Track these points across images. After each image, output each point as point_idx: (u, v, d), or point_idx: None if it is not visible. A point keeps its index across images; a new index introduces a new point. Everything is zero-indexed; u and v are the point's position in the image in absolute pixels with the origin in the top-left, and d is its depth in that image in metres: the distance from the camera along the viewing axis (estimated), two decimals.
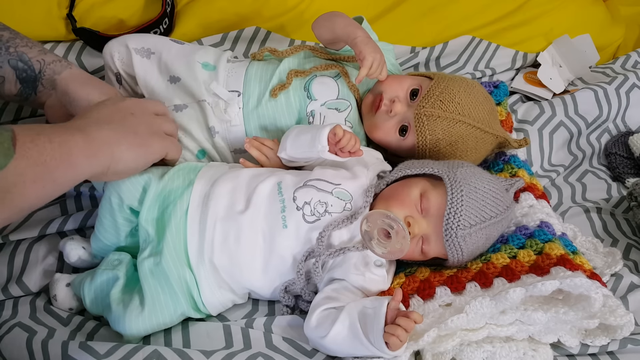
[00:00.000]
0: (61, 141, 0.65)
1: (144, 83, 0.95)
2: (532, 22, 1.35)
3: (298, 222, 0.80)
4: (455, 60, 1.30)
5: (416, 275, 0.84)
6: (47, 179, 0.64)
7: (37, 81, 0.85)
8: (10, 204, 0.61)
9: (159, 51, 0.96)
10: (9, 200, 0.61)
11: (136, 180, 0.82)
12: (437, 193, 0.81)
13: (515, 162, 1.00)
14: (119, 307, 0.78)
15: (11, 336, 0.77)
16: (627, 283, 0.90)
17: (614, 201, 1.11)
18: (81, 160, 0.67)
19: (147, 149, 0.77)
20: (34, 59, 0.84)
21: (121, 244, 0.85)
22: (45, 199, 0.66)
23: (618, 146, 1.21)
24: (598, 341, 0.80)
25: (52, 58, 0.86)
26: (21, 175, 0.61)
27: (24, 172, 0.61)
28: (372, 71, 0.91)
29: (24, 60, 0.83)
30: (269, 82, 0.95)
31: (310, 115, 0.95)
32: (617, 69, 1.37)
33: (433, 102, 0.91)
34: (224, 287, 0.81)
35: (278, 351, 0.76)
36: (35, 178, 0.62)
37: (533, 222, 0.89)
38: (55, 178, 0.64)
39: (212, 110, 0.93)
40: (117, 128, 0.73)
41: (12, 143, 0.61)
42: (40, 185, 0.63)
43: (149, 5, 1.18)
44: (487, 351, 0.76)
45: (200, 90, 0.93)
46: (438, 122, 0.91)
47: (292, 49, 1.00)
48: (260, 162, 0.91)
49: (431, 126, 0.91)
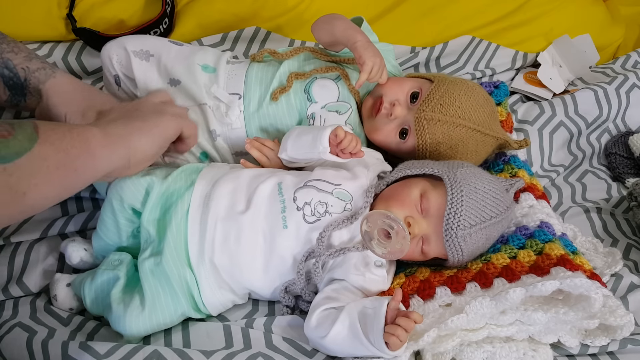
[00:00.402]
0: (80, 132, 0.66)
1: (144, 86, 0.94)
2: (532, 22, 1.35)
3: (298, 223, 0.80)
4: (455, 61, 1.30)
5: (416, 276, 0.84)
6: (69, 167, 0.63)
7: (25, 89, 0.83)
8: (35, 191, 0.60)
9: (158, 53, 0.95)
10: (34, 186, 0.60)
11: (139, 182, 0.82)
12: (437, 193, 0.81)
13: (515, 163, 1.00)
14: (120, 307, 0.78)
15: (11, 336, 0.77)
16: (627, 283, 0.90)
17: (614, 201, 1.11)
18: (100, 151, 0.67)
19: (159, 129, 0.76)
20: (19, 67, 0.82)
21: (122, 244, 0.85)
22: (66, 192, 0.65)
23: (618, 146, 1.21)
24: (598, 341, 0.80)
25: (36, 65, 0.83)
26: (45, 160, 0.61)
27: (48, 157, 0.61)
28: (372, 75, 0.91)
29: (10, 68, 0.81)
30: (270, 84, 0.95)
31: (311, 118, 0.95)
32: (617, 69, 1.37)
33: (433, 105, 0.91)
34: (224, 287, 0.81)
35: (278, 351, 0.76)
36: (58, 164, 0.62)
37: (533, 222, 0.89)
38: (77, 167, 0.64)
39: (213, 113, 0.93)
40: (126, 122, 0.73)
41: (34, 129, 0.61)
42: (63, 173, 0.63)
43: (149, 5, 1.17)
44: (487, 351, 0.77)
45: (200, 94, 0.93)
46: (438, 125, 0.91)
47: (292, 51, 1.00)
48: (261, 163, 0.91)
49: (431, 130, 0.91)
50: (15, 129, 0.60)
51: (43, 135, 0.61)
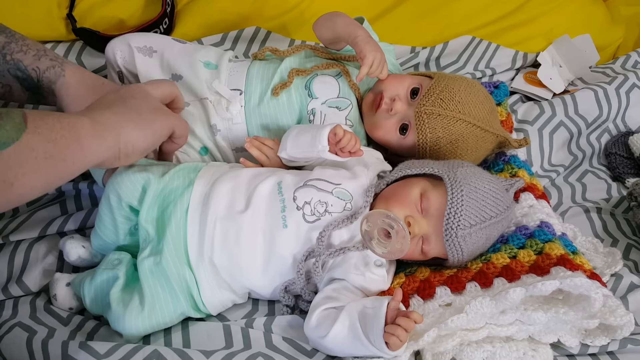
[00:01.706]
0: (69, 121, 0.65)
1: (146, 81, 0.95)
2: (532, 22, 1.35)
3: (298, 222, 0.80)
4: (456, 60, 1.31)
5: (416, 275, 0.84)
6: (57, 157, 0.63)
7: (40, 89, 0.84)
8: (23, 181, 0.60)
9: (161, 50, 0.96)
10: (22, 176, 0.60)
11: (135, 179, 0.81)
12: (437, 193, 0.81)
13: (515, 162, 1.01)
14: (119, 307, 0.78)
15: (11, 336, 0.77)
16: (627, 283, 0.90)
17: (614, 201, 1.11)
18: (90, 141, 0.67)
19: (152, 126, 0.75)
20: (29, 68, 0.82)
21: (120, 242, 0.85)
22: (54, 182, 0.65)
23: (618, 146, 1.21)
24: (598, 341, 0.80)
25: (46, 64, 0.83)
26: (33, 150, 0.61)
27: (36, 147, 0.61)
28: (373, 70, 0.91)
29: (22, 69, 0.81)
30: (271, 80, 0.95)
31: (311, 114, 0.95)
32: (617, 69, 1.37)
33: (433, 100, 0.91)
34: (224, 287, 0.81)
35: (278, 351, 0.76)
36: (46, 154, 0.62)
37: (533, 222, 0.89)
38: (65, 156, 0.64)
39: (214, 108, 0.94)
40: (119, 111, 0.72)
41: (23, 119, 0.61)
42: (52, 163, 0.63)
43: (149, 5, 1.18)
44: (487, 351, 0.76)
45: (202, 89, 0.94)
46: (438, 120, 0.91)
47: (293, 49, 1.00)
48: (261, 162, 0.91)
49: (431, 124, 0.91)
50: (3, 119, 0.60)
51: (31, 124, 0.61)
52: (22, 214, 0.95)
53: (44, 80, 0.82)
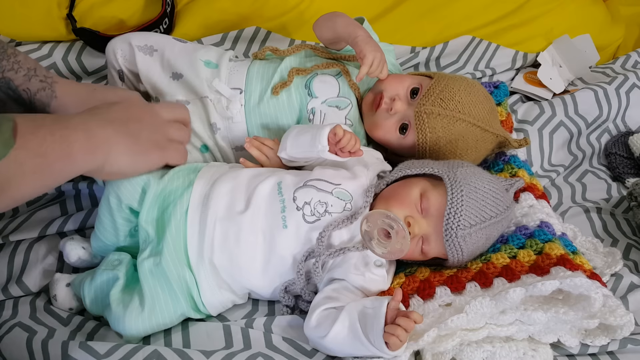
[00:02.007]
0: (62, 135, 0.65)
1: (146, 79, 0.96)
2: (532, 22, 1.35)
3: (298, 222, 0.80)
4: (456, 60, 1.31)
5: (416, 275, 0.84)
6: (45, 171, 0.64)
7: (34, 109, 0.81)
8: (7, 193, 0.61)
9: (162, 48, 0.96)
10: (7, 190, 0.61)
11: (135, 181, 0.81)
12: (437, 193, 0.81)
13: (515, 162, 1.00)
14: (119, 307, 0.78)
15: (11, 336, 0.77)
16: (627, 283, 0.90)
17: (614, 201, 1.11)
18: (80, 156, 0.67)
19: (144, 158, 0.77)
20: (20, 88, 0.78)
21: (120, 243, 0.85)
22: (41, 190, 0.66)
23: (618, 146, 1.21)
24: (598, 341, 0.80)
25: (36, 86, 0.79)
26: (21, 166, 0.61)
27: (24, 163, 0.61)
28: (373, 69, 0.92)
29: (12, 89, 0.78)
30: (271, 79, 0.96)
31: (311, 113, 0.95)
32: (617, 69, 1.37)
33: (433, 100, 0.91)
34: (224, 287, 0.81)
35: (278, 351, 0.76)
36: (34, 169, 0.62)
37: (533, 222, 0.89)
38: (53, 171, 0.65)
39: (214, 106, 0.94)
40: (120, 129, 0.73)
41: (12, 133, 0.61)
42: (39, 177, 0.63)
43: (149, 5, 1.18)
44: (487, 351, 0.76)
45: (202, 87, 0.94)
46: (438, 119, 0.91)
47: (293, 48, 1.00)
48: (261, 162, 0.91)
49: (431, 124, 0.91)
50: None
51: (21, 139, 0.61)
52: (22, 214, 0.95)
53: (37, 102, 0.80)
